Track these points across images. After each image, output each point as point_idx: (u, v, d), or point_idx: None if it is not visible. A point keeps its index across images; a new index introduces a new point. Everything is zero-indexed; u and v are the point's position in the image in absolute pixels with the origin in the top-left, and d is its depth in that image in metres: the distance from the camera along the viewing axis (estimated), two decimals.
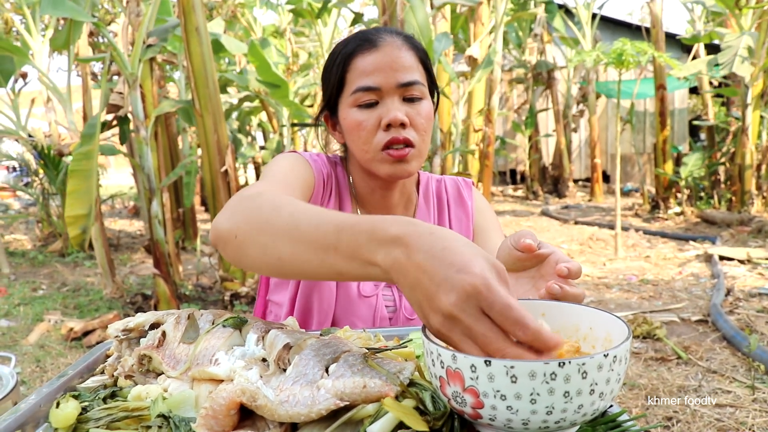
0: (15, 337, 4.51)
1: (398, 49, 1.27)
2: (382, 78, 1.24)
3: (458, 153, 7.66)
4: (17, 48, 5.24)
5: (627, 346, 0.66)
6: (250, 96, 8.05)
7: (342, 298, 1.34)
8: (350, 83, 1.28)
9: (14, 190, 11.78)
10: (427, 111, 1.29)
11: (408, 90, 1.26)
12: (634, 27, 14.42)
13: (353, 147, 1.32)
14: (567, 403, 0.61)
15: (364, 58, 1.26)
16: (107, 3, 10.71)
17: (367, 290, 1.36)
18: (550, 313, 0.82)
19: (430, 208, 1.48)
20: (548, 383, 0.60)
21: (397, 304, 1.38)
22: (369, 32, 1.31)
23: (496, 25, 8.46)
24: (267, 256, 0.83)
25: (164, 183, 5.56)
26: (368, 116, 1.26)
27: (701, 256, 6.39)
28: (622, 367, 0.65)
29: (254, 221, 0.86)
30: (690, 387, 3.13)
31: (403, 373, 0.69)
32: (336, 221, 0.76)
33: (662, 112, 9.61)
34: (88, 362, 0.93)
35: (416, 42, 1.34)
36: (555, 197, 13.49)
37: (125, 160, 12.97)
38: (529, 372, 0.60)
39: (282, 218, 0.83)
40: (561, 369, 0.60)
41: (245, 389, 0.65)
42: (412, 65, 1.27)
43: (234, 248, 0.87)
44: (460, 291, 0.62)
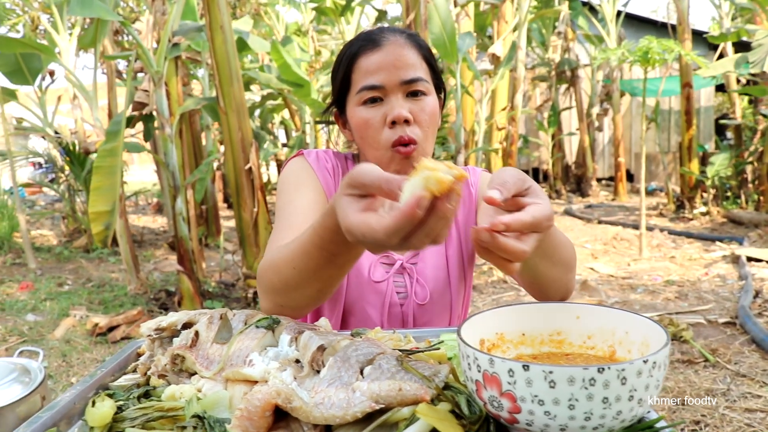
0: (42, 332, 4.56)
1: (401, 48, 1.29)
2: (385, 76, 1.27)
3: (481, 152, 7.62)
4: (45, 46, 5.31)
5: (666, 351, 0.65)
6: (272, 94, 8.09)
7: (353, 285, 1.36)
8: (355, 83, 1.31)
9: (40, 186, 11.92)
10: (432, 107, 1.31)
11: (411, 86, 1.28)
12: (659, 24, 14.27)
13: (362, 144, 1.35)
14: (606, 409, 0.61)
15: (367, 58, 1.29)
16: (132, 1, 10.82)
17: (377, 276, 1.37)
18: (585, 316, 0.81)
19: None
20: (587, 389, 0.60)
21: (408, 290, 1.39)
22: (373, 32, 1.34)
23: (520, 23, 8.42)
24: (310, 296, 1.01)
25: (189, 180, 5.60)
26: (374, 114, 1.29)
27: (728, 257, 6.30)
28: (661, 373, 0.64)
29: (279, 289, 1.03)
30: (718, 390, 3.08)
31: (439, 376, 0.68)
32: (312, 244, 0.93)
33: (688, 111, 9.49)
34: (120, 360, 0.93)
35: (420, 40, 1.37)
36: (578, 196, 13.39)
37: (148, 157, 13.10)
38: (568, 377, 0.59)
39: (287, 273, 1.00)
40: (600, 375, 0.59)
41: (280, 391, 0.65)
42: (415, 63, 1.30)
43: (283, 297, 1.04)
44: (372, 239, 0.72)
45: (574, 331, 0.81)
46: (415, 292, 1.39)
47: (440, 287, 1.41)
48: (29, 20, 8.64)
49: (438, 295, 1.41)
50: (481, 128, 7.73)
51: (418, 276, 1.40)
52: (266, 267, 1.07)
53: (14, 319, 4.83)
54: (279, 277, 1.02)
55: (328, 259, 0.93)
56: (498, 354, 0.78)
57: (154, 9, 5.51)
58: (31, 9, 7.86)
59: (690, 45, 9.19)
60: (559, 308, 0.82)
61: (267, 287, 1.07)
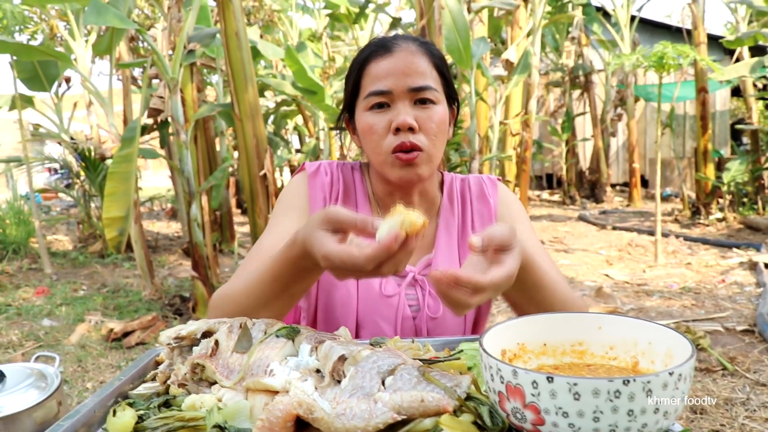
0: (57, 337, 4.59)
1: (411, 54, 1.28)
2: (393, 82, 1.26)
3: (495, 158, 7.61)
4: (61, 53, 5.36)
5: (692, 363, 0.64)
6: (287, 100, 8.11)
7: (363, 299, 1.34)
8: (364, 88, 1.30)
9: (56, 191, 12.02)
10: (440, 116, 1.29)
11: (419, 94, 1.27)
12: (674, 29, 14.20)
13: (367, 150, 1.34)
14: (631, 422, 0.60)
15: (377, 64, 1.28)
16: (147, 8, 10.90)
17: (389, 290, 1.35)
18: (608, 327, 0.80)
19: (454, 208, 1.46)
20: (612, 401, 0.59)
21: (421, 303, 1.36)
22: (385, 38, 1.33)
23: (534, 29, 8.41)
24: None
25: (203, 187, 5.62)
26: (379, 120, 1.27)
27: (745, 263, 6.25)
28: (687, 385, 0.64)
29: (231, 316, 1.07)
30: (737, 400, 3.05)
31: (461, 386, 0.68)
32: (269, 274, 1.05)
33: (703, 116, 9.42)
34: (139, 368, 0.93)
35: (433, 48, 1.35)
36: (592, 202, 13.33)
37: (162, 162, 13.18)
38: (592, 389, 0.59)
39: (243, 301, 1.10)
40: (626, 387, 0.59)
41: (302, 401, 0.65)
42: (425, 70, 1.28)
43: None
44: (328, 268, 0.89)
45: (596, 341, 0.80)
46: (428, 305, 1.36)
47: None
48: (47, 28, 8.72)
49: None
50: (495, 134, 7.71)
51: (430, 288, 1.37)
52: (223, 295, 1.16)
53: (30, 324, 4.87)
54: (236, 306, 1.11)
55: (281, 289, 1.05)
56: (519, 364, 0.78)
57: (169, 16, 5.54)
58: (49, 17, 7.93)
59: (705, 50, 9.13)
60: (580, 318, 0.81)
61: (219, 314, 1.13)
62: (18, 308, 5.28)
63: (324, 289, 1.37)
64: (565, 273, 6.21)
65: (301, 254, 0.97)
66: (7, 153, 10.51)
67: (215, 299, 1.19)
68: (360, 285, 1.35)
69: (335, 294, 1.35)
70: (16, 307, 5.31)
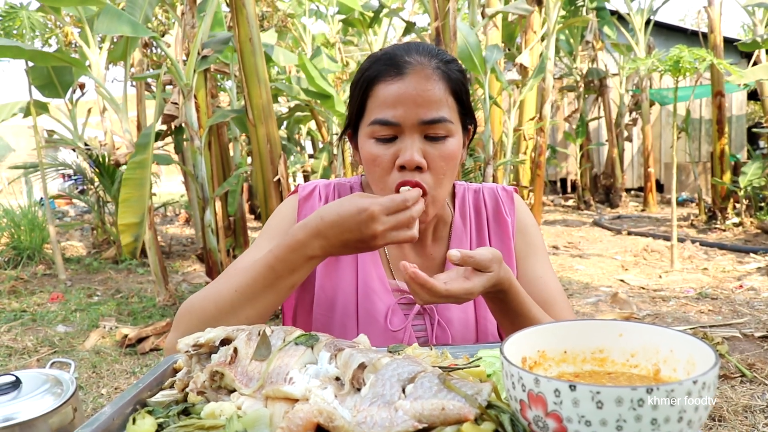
0: (72, 343, 4.62)
1: (425, 80, 1.14)
2: (402, 112, 1.13)
3: (510, 164, 7.60)
4: (76, 60, 5.40)
5: (716, 372, 0.63)
6: (300, 105, 8.13)
7: (365, 331, 1.26)
8: (370, 111, 1.18)
9: (70, 197, 12.11)
10: (451, 151, 1.17)
11: (431, 128, 1.15)
12: (689, 32, 14.13)
13: (369, 179, 1.24)
14: (654, 431, 0.59)
15: (387, 87, 1.15)
16: (161, 15, 10.97)
17: (396, 323, 1.29)
18: (628, 334, 0.79)
19: (467, 225, 1.39)
20: (635, 410, 0.58)
21: (429, 333, 1.30)
22: (397, 54, 1.18)
23: (548, 33, 8.39)
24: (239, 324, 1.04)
25: (217, 192, 5.64)
26: (384, 152, 1.16)
27: (763, 268, 6.19)
28: (711, 393, 0.63)
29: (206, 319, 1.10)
30: (757, 407, 3.01)
31: (481, 394, 0.67)
32: (262, 264, 1.08)
33: (720, 120, 9.36)
34: (157, 375, 0.93)
35: (452, 68, 1.20)
36: (607, 207, 13.27)
37: (176, 169, 13.24)
38: (615, 398, 0.58)
39: (226, 295, 1.11)
40: (649, 395, 0.58)
41: (322, 410, 0.64)
42: (440, 99, 1.15)
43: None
44: (368, 219, 0.99)
45: (616, 349, 0.79)
46: (436, 335, 1.30)
47: (465, 329, 1.33)
48: (62, 35, 8.79)
49: (463, 337, 1.32)
50: (509, 139, 7.70)
51: (439, 318, 1.31)
52: (200, 298, 1.15)
53: (45, 330, 4.90)
54: (215, 304, 1.11)
55: (272, 280, 1.07)
56: (540, 372, 0.77)
57: (183, 22, 5.58)
58: (63, 23, 8.00)
59: (722, 53, 9.08)
60: (601, 326, 0.80)
61: (193, 320, 1.12)
62: (33, 314, 5.32)
63: (320, 317, 1.32)
64: (579, 278, 6.18)
65: (312, 234, 1.04)
66: (22, 159, 10.57)
67: (183, 307, 1.16)
68: (363, 323, 1.29)
69: (332, 324, 1.31)
70: (31, 313, 5.35)
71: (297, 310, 1.38)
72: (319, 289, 1.32)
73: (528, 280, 1.34)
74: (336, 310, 1.30)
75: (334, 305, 1.31)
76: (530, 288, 1.29)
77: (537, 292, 1.30)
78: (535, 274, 1.36)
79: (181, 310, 1.16)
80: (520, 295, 1.12)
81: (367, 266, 1.32)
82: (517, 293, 1.12)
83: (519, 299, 1.12)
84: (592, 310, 4.99)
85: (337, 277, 1.33)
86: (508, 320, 1.16)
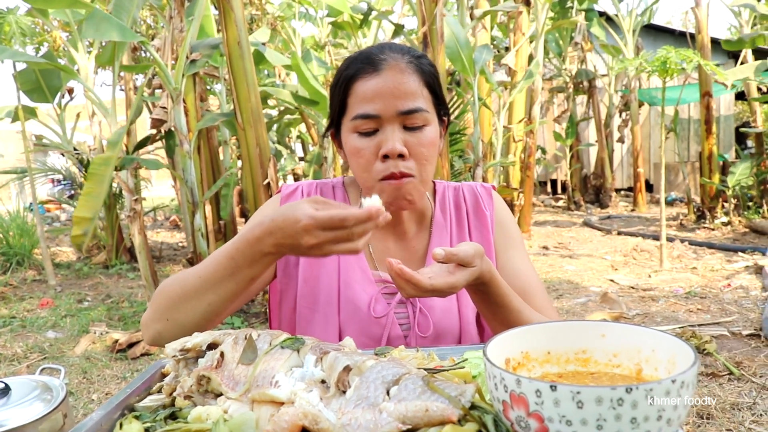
0: (62, 348, 4.60)
1: (401, 74, 1.23)
2: (381, 105, 1.21)
3: (499, 165, 7.62)
4: (64, 66, 5.38)
5: (695, 371, 0.64)
6: (290, 108, 8.13)
7: (348, 319, 1.33)
8: (351, 108, 1.26)
9: (60, 202, 12.06)
10: (430, 138, 1.26)
11: (409, 118, 1.23)
12: (677, 33, 14.21)
13: (354, 172, 1.31)
14: (634, 430, 0.60)
15: (364, 83, 1.23)
16: (149, 18, 10.94)
17: (379, 310, 1.33)
18: (611, 334, 0.80)
19: (447, 220, 1.44)
20: (615, 409, 0.59)
21: (411, 321, 1.34)
22: (373, 53, 1.27)
23: (537, 34, 8.42)
24: (201, 310, 1.15)
25: (206, 196, 5.64)
26: (367, 144, 1.24)
27: (751, 267, 6.23)
28: (690, 392, 0.64)
29: (174, 301, 1.16)
30: (744, 404, 3.04)
31: (465, 395, 0.68)
32: (223, 254, 1.12)
33: (708, 120, 9.41)
34: (144, 380, 0.94)
35: (424, 62, 1.29)
36: (597, 207, 13.31)
37: (166, 173, 13.21)
38: (596, 397, 0.59)
39: (192, 281, 1.15)
40: (628, 395, 0.59)
41: (307, 412, 0.65)
42: (415, 91, 1.23)
43: (171, 327, 1.16)
44: (302, 231, 0.99)
45: (599, 349, 0.80)
46: (418, 323, 1.34)
47: (448, 317, 1.37)
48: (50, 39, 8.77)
49: (445, 325, 1.37)
50: (498, 140, 7.72)
51: (421, 306, 1.36)
52: (171, 281, 1.20)
53: (35, 336, 4.88)
54: (181, 287, 1.16)
55: (232, 270, 1.11)
56: (524, 373, 0.78)
57: (171, 26, 5.57)
58: (51, 27, 7.97)
59: (709, 54, 9.13)
60: (584, 326, 0.81)
61: (163, 301, 1.18)
62: (22, 320, 5.29)
63: (304, 310, 1.36)
64: (569, 278, 6.20)
65: (266, 232, 1.05)
66: (10, 164, 10.54)
67: (159, 287, 1.22)
68: (345, 307, 1.34)
69: (317, 318, 1.34)
70: (21, 319, 5.32)
71: (282, 306, 1.42)
72: (302, 283, 1.37)
73: (507, 272, 1.39)
74: (319, 302, 1.35)
75: (317, 298, 1.35)
76: (510, 280, 1.32)
77: (516, 283, 1.35)
78: (514, 266, 1.41)
79: (156, 291, 1.22)
80: (501, 286, 1.17)
81: (348, 258, 1.37)
82: (499, 285, 1.17)
83: (500, 291, 1.17)
84: (582, 310, 5.01)
85: (319, 270, 1.37)
86: (490, 311, 1.21)
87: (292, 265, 1.39)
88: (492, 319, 1.23)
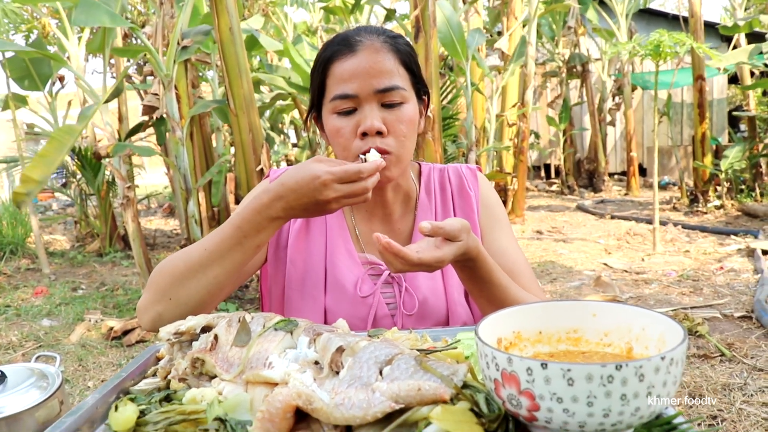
0: (57, 336, 4.60)
1: (376, 53, 1.24)
2: (358, 85, 1.23)
3: (493, 150, 7.61)
4: (54, 54, 5.34)
5: (683, 348, 0.65)
6: (282, 94, 8.10)
7: (335, 299, 1.35)
8: (329, 89, 1.28)
9: (52, 191, 12.01)
10: (409, 115, 1.27)
11: (386, 96, 1.24)
12: (670, 17, 14.17)
13: (335, 152, 1.33)
14: (624, 406, 0.61)
15: (341, 64, 1.25)
16: (140, 4, 10.86)
17: (365, 290, 1.35)
18: (602, 313, 0.81)
19: (432, 201, 1.46)
20: (605, 386, 0.60)
21: (398, 300, 1.36)
22: (349, 35, 1.29)
23: (530, 18, 8.39)
24: (205, 284, 1.17)
25: (200, 183, 5.63)
26: (346, 123, 1.26)
27: (743, 250, 6.26)
28: (679, 369, 0.65)
29: (177, 277, 1.17)
30: (735, 385, 3.07)
31: (457, 375, 0.69)
32: (229, 225, 1.15)
33: (701, 104, 9.41)
34: (140, 364, 0.94)
35: (399, 42, 1.31)
36: (590, 191, 13.32)
37: (159, 160, 13.16)
38: (586, 375, 0.60)
39: (197, 255, 1.17)
40: (618, 372, 0.60)
41: (301, 393, 0.66)
42: (391, 69, 1.25)
43: (174, 306, 1.17)
44: (321, 186, 1.05)
45: (590, 328, 0.81)
46: (404, 302, 1.36)
47: (434, 296, 1.38)
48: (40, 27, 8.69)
49: (431, 304, 1.38)
50: (492, 125, 7.71)
51: (407, 285, 1.37)
52: (171, 258, 1.21)
53: (30, 325, 4.88)
54: (185, 263, 1.17)
55: (239, 239, 1.14)
56: (515, 352, 0.79)
57: (162, 12, 5.53)
58: (40, 14, 7.90)
59: (702, 37, 9.12)
60: (575, 306, 0.82)
61: (164, 279, 1.18)
62: (17, 309, 5.28)
63: (291, 291, 1.38)
64: (563, 263, 6.23)
65: (274, 197, 1.10)
66: (2, 153, 10.47)
67: (155, 269, 1.22)
68: (331, 287, 1.36)
69: (306, 298, 1.36)
70: (15, 308, 5.31)
71: (272, 289, 1.43)
72: (290, 265, 1.39)
73: (493, 252, 1.39)
74: (306, 283, 1.37)
75: (305, 279, 1.37)
76: (496, 260, 1.33)
77: (502, 263, 1.35)
78: (501, 246, 1.42)
79: (153, 272, 1.22)
80: (487, 263, 1.18)
81: (335, 240, 1.39)
82: (485, 261, 1.17)
83: (487, 267, 1.18)
84: (576, 294, 5.04)
85: (306, 252, 1.39)
86: (477, 287, 1.22)
87: (282, 247, 1.40)
88: (479, 296, 1.24)
